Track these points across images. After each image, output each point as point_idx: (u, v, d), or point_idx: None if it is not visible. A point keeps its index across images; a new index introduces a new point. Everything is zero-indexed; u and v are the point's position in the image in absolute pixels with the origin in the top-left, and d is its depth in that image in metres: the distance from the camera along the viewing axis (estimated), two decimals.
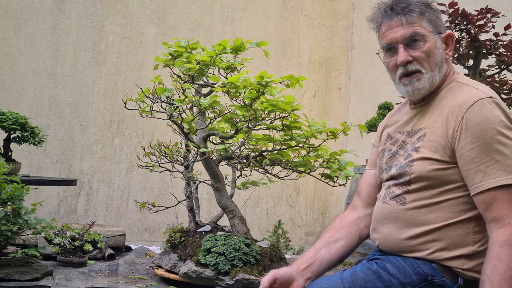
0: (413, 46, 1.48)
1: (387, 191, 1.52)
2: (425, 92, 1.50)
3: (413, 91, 1.50)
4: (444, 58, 1.51)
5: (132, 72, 4.83)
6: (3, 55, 4.48)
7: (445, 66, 1.51)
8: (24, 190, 2.73)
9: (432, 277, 1.39)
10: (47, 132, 4.42)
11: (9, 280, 2.67)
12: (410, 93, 1.51)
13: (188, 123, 2.90)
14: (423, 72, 1.48)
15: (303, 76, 2.72)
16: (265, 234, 4.97)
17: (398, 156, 1.52)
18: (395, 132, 1.59)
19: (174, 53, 2.95)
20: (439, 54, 1.49)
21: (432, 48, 1.48)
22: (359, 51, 5.30)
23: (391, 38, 1.50)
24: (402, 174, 1.47)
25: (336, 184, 2.84)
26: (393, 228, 1.47)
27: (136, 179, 4.78)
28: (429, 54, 1.48)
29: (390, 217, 1.49)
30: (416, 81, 1.49)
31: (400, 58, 1.48)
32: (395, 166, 1.51)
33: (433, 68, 1.48)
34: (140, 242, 4.67)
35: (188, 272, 2.73)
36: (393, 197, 1.49)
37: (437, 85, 1.50)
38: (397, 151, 1.54)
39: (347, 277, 1.45)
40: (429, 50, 1.48)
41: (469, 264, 1.38)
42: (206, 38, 4.99)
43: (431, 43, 1.48)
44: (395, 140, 1.56)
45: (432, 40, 1.48)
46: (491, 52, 3.01)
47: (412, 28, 1.48)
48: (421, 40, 1.48)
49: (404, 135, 1.54)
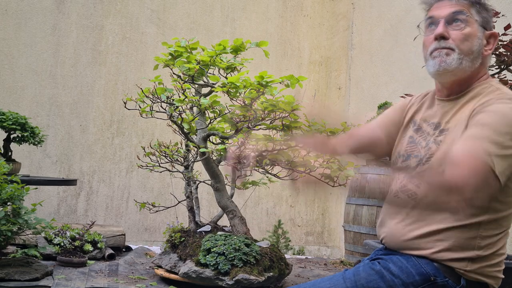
0: (454, 25, 1.47)
1: (400, 185, 1.49)
2: (452, 75, 1.47)
3: (439, 64, 1.46)
4: (481, 52, 1.48)
5: (132, 72, 4.83)
6: (3, 55, 4.48)
7: (479, 61, 1.48)
8: (24, 190, 2.73)
9: (434, 277, 1.38)
10: (47, 132, 4.42)
11: (9, 280, 2.67)
12: (436, 67, 1.47)
13: (188, 123, 2.90)
14: (455, 50, 1.46)
15: (303, 76, 2.72)
16: (265, 234, 4.97)
17: (420, 147, 1.51)
18: (421, 121, 1.56)
19: (174, 53, 2.95)
20: (477, 43, 1.47)
21: (472, 34, 1.46)
22: (359, 51, 5.30)
23: (436, 13, 1.49)
24: (419, 165, 1.46)
25: (336, 184, 2.84)
26: (401, 224, 1.47)
27: (136, 179, 4.78)
28: (467, 38, 1.46)
29: (400, 212, 1.48)
30: (445, 55, 1.46)
31: (438, 30, 1.47)
32: (415, 157, 1.50)
33: (467, 53, 1.46)
34: (140, 242, 4.67)
35: (188, 272, 2.73)
36: (405, 191, 1.47)
37: (466, 77, 1.47)
38: (419, 141, 1.52)
39: (350, 276, 1.45)
40: (468, 34, 1.46)
41: (473, 266, 1.38)
42: (206, 38, 4.99)
43: (473, 29, 1.47)
44: (418, 129, 1.55)
45: (474, 27, 1.47)
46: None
47: (458, 7, 1.47)
48: (463, 22, 1.46)
49: (430, 127, 1.52)
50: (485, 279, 1.40)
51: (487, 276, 1.40)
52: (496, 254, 1.41)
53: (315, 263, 4.00)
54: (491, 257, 1.40)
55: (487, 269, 1.39)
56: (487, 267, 1.39)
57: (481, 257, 1.37)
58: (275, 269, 2.80)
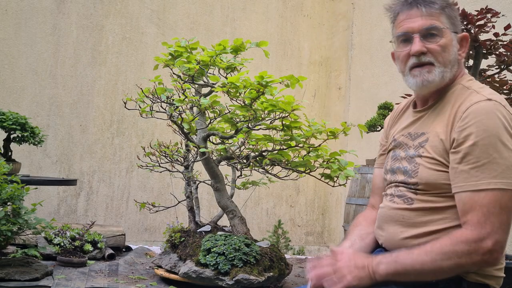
0: (429, 39, 1.45)
1: (395, 190, 1.52)
2: (434, 87, 1.47)
3: (422, 82, 1.46)
4: (456, 58, 1.48)
5: (132, 72, 4.83)
6: (3, 55, 4.48)
7: (456, 67, 1.48)
8: (24, 190, 2.73)
9: (436, 280, 1.38)
10: (47, 132, 4.42)
11: (9, 280, 2.67)
12: (419, 85, 1.47)
13: (188, 123, 2.90)
14: (436, 65, 1.45)
15: (303, 76, 2.72)
16: (265, 234, 4.97)
17: (401, 159, 1.52)
18: (398, 135, 1.58)
19: (174, 53, 2.95)
20: (453, 52, 1.47)
21: (448, 44, 1.46)
22: (359, 51, 5.30)
23: (408, 28, 1.47)
24: (408, 178, 1.46)
25: (336, 184, 2.84)
26: (398, 227, 1.47)
27: (136, 179, 4.78)
28: (445, 49, 1.45)
29: (396, 216, 1.48)
30: (426, 73, 1.46)
31: (415, 47, 1.45)
32: (400, 170, 1.51)
33: (446, 64, 1.46)
34: (140, 242, 4.67)
35: (188, 272, 2.73)
36: (400, 196, 1.49)
37: (444, 85, 1.47)
38: (399, 153, 1.54)
39: None
40: (445, 45, 1.45)
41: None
42: (206, 38, 4.99)
43: (448, 39, 1.46)
44: (399, 143, 1.56)
45: (449, 36, 1.46)
46: (491, 52, 3.01)
47: (431, 20, 1.45)
48: (438, 34, 1.45)
49: (407, 138, 1.52)
50: (486, 281, 1.39)
51: (488, 277, 1.39)
52: None
53: None
54: None
55: (487, 268, 1.39)
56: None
57: None
58: (275, 269, 2.80)
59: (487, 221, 1.28)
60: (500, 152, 1.30)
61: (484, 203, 1.29)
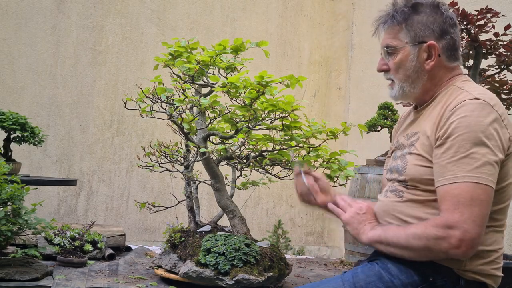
0: (389, 56, 1.56)
1: (389, 187, 1.57)
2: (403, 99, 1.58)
3: (390, 94, 1.59)
4: (422, 69, 1.51)
5: (132, 72, 4.83)
6: (3, 55, 4.48)
7: (425, 77, 1.51)
8: (24, 190, 2.73)
9: (433, 278, 1.39)
10: (47, 132, 4.42)
11: (9, 280, 2.67)
12: (391, 98, 1.60)
13: (188, 123, 2.90)
14: (395, 82, 1.55)
15: (303, 76, 2.72)
16: (265, 234, 4.97)
17: (397, 158, 1.56)
18: (400, 136, 1.62)
19: (174, 53, 2.95)
20: (410, 66, 1.51)
21: (403, 60, 1.52)
22: (359, 51, 5.30)
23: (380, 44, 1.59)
24: (399, 175, 1.51)
25: (336, 184, 2.84)
26: (391, 220, 1.51)
27: (136, 179, 4.78)
28: (400, 65, 1.53)
29: (388, 209, 1.52)
30: (390, 89, 1.58)
31: (377, 66, 1.60)
32: (395, 168, 1.55)
33: (403, 79, 1.53)
34: (140, 242, 4.67)
35: (188, 272, 2.73)
36: (393, 190, 1.53)
37: (422, 92, 1.53)
38: (397, 154, 1.58)
39: (349, 278, 1.46)
40: (399, 62, 1.53)
41: (470, 265, 1.38)
42: (206, 38, 4.99)
43: (404, 55, 1.52)
44: (399, 144, 1.60)
45: (405, 52, 1.51)
46: (491, 52, 3.01)
47: (387, 39, 1.55)
48: (394, 52, 1.53)
49: (405, 138, 1.57)
50: (483, 279, 1.40)
51: (485, 276, 1.40)
52: (492, 251, 1.41)
53: (315, 263, 4.00)
54: (487, 254, 1.40)
55: (485, 267, 1.39)
56: (484, 265, 1.40)
57: (477, 255, 1.37)
58: (275, 269, 2.80)
59: (455, 209, 1.31)
60: (478, 148, 1.32)
61: (455, 193, 1.33)
